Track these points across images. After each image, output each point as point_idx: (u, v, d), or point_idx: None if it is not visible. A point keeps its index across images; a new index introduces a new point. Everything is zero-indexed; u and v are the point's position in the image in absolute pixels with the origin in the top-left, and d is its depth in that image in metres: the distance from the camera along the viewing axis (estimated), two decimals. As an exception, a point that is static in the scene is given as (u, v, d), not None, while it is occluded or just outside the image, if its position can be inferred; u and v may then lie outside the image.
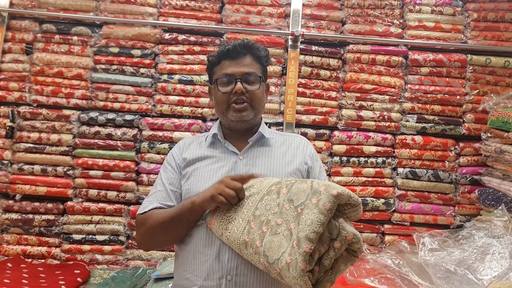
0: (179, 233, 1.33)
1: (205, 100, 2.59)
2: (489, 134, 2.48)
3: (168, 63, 2.61)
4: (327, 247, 1.02)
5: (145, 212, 1.38)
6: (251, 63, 1.44)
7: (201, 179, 1.39)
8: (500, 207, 2.24)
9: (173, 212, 1.31)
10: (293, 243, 1.00)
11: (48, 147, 2.51)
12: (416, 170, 2.60)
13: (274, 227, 1.09)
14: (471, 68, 2.63)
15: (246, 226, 1.15)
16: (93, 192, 2.51)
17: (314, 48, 2.62)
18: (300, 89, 2.61)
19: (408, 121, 2.64)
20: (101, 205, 2.51)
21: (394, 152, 2.63)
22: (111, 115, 2.54)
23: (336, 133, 2.61)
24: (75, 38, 2.58)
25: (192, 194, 1.35)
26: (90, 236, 2.49)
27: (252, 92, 1.42)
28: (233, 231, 1.17)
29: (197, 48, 2.61)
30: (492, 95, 2.54)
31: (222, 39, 2.62)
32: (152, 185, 2.50)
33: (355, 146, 2.60)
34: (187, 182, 1.41)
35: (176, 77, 2.60)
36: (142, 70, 2.59)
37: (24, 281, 2.07)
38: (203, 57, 2.60)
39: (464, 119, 2.66)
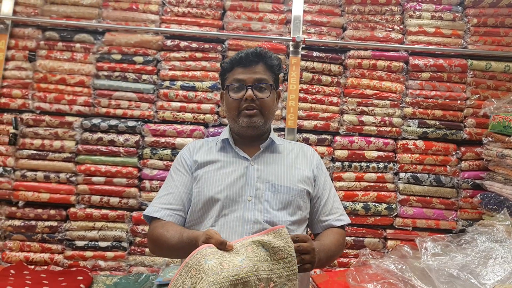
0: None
1: (207, 106, 2.60)
2: (490, 139, 2.49)
3: (170, 69, 2.62)
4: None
5: (153, 218, 1.40)
6: (263, 71, 1.46)
7: (212, 182, 1.40)
8: (502, 212, 2.24)
9: (174, 243, 1.27)
10: None
11: (51, 153, 2.52)
12: (418, 175, 2.60)
13: None
14: (471, 73, 2.64)
15: None
16: (95, 198, 2.51)
17: (315, 54, 2.63)
18: (302, 95, 2.62)
19: (409, 126, 2.64)
20: (103, 211, 2.51)
21: (395, 157, 2.64)
22: (113, 122, 2.55)
23: (337, 138, 2.62)
24: (77, 45, 2.60)
25: (202, 197, 1.37)
26: (93, 242, 2.50)
27: (263, 100, 1.44)
28: None
29: (199, 55, 2.62)
30: (492, 99, 2.55)
31: (223, 46, 2.64)
32: (154, 191, 2.52)
33: (357, 151, 2.61)
34: (197, 184, 1.42)
35: (178, 83, 2.61)
36: (144, 77, 2.60)
37: (27, 287, 2.07)
38: (205, 64, 2.62)
39: (465, 123, 2.66)
